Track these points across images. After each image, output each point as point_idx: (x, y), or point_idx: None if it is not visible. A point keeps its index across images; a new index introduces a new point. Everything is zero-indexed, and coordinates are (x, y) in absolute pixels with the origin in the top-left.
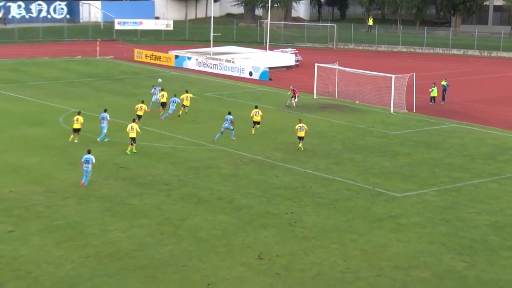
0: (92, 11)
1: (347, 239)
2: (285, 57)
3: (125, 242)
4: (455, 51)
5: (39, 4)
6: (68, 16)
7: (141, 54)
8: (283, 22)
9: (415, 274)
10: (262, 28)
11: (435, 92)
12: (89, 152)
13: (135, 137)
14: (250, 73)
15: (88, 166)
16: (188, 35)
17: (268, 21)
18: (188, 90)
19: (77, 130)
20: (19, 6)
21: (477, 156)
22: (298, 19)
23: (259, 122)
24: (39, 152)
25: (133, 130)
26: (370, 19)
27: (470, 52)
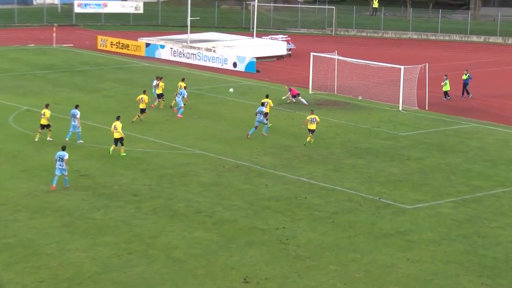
0: None
1: (348, 258)
2: (276, 46)
3: (87, 264)
4: (474, 38)
5: None
6: None
7: (106, 42)
8: (272, 4)
9: None
10: (249, 11)
11: (447, 86)
12: (63, 149)
13: (119, 138)
14: (234, 64)
15: (62, 164)
16: (161, 19)
17: (256, 2)
18: (184, 79)
19: (45, 126)
20: None
21: (500, 161)
22: (290, 0)
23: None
24: None
25: (116, 130)
26: (375, 0)
27: (492, 39)
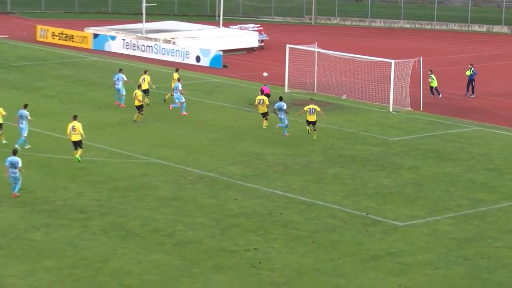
0: None
1: (331, 285)
2: (246, 36)
3: None
4: (476, 28)
5: None
6: None
7: (47, 33)
8: None
9: None
10: None
11: (435, 82)
12: (14, 153)
13: (78, 141)
14: (198, 58)
15: (15, 172)
16: (112, 6)
17: None
18: (178, 69)
19: None
20: None
21: (506, 170)
22: None
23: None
24: None
25: (75, 131)
26: None
27: (497, 28)
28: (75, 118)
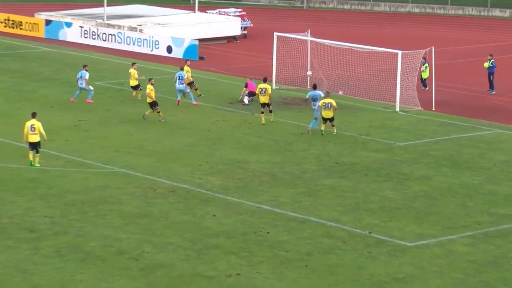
0: None
1: None
2: (226, 23)
3: None
4: (497, 13)
5: None
6: None
7: None
8: None
9: None
10: None
11: (427, 72)
12: (33, 116)
13: (38, 142)
14: (169, 49)
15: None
16: None
17: None
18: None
19: None
20: None
21: None
22: None
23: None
24: None
25: (34, 131)
26: None
27: None
28: (34, 115)
